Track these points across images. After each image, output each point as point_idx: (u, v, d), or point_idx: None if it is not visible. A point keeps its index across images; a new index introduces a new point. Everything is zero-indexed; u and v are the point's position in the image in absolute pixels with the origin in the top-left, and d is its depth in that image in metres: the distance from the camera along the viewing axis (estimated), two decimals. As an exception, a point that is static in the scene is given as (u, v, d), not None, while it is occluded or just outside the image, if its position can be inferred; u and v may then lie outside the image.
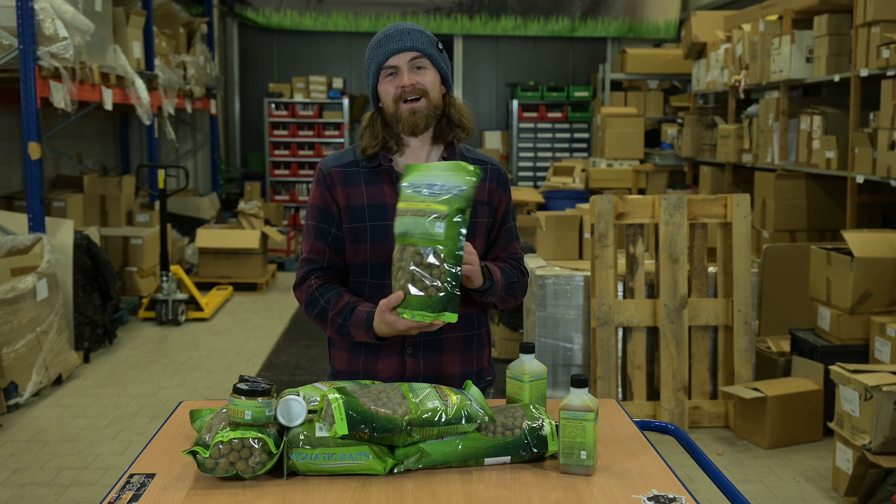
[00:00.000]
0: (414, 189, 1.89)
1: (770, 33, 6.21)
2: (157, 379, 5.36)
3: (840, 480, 3.73)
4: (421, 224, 1.85)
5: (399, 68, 2.05)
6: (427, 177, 1.90)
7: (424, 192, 1.87)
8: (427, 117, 2.07)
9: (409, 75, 2.05)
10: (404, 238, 1.87)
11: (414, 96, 2.05)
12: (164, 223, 6.91)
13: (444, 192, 1.87)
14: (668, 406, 4.42)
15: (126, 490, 1.64)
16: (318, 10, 11.16)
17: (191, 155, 10.59)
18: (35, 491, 3.75)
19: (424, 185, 1.88)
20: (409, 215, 1.87)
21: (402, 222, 1.88)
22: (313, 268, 2.13)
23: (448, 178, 1.89)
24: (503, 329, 5.62)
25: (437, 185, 1.88)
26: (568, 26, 11.36)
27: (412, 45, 2.05)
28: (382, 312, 1.92)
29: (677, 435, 2.14)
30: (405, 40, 2.05)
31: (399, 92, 2.05)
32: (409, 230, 1.86)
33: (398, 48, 2.04)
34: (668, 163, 8.75)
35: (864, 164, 4.95)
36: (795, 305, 5.12)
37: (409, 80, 2.04)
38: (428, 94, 2.06)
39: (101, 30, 6.02)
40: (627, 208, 4.46)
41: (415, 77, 2.05)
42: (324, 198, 2.12)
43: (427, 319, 1.85)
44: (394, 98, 2.06)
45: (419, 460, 1.72)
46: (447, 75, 2.12)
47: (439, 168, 1.92)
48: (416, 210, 1.86)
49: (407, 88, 2.04)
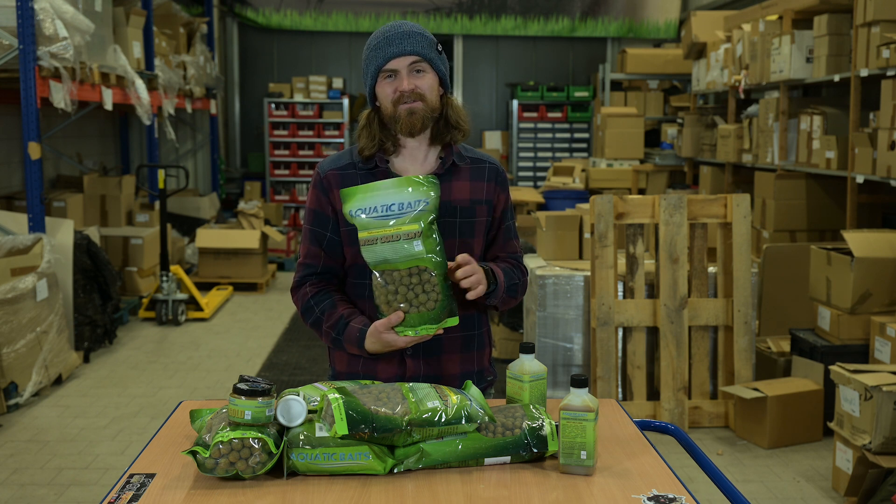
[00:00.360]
0: (369, 215, 1.87)
1: (770, 33, 6.21)
2: (157, 379, 5.36)
3: (840, 480, 3.73)
4: (398, 249, 1.86)
5: (398, 72, 2.05)
6: (375, 198, 1.88)
7: (385, 216, 1.86)
8: (424, 119, 2.06)
9: (408, 80, 2.04)
10: (385, 265, 1.88)
11: (412, 99, 2.05)
12: (164, 223, 6.91)
13: (408, 211, 1.86)
14: (668, 406, 4.42)
15: (126, 490, 1.64)
16: (318, 10, 11.16)
17: (191, 155, 10.59)
18: (35, 491, 3.75)
19: (378, 207, 1.87)
20: (380, 243, 1.86)
21: (375, 251, 1.87)
22: (309, 273, 2.14)
23: (404, 195, 1.88)
24: (503, 329, 5.63)
25: (395, 205, 1.87)
26: (568, 26, 11.36)
27: (412, 50, 2.04)
28: (380, 333, 1.94)
29: (677, 435, 2.14)
30: (405, 44, 2.04)
31: (397, 95, 2.05)
32: (387, 257, 1.87)
33: (398, 52, 2.04)
34: (668, 163, 8.75)
35: (864, 164, 4.95)
36: (795, 305, 5.12)
37: (409, 84, 2.04)
38: (426, 98, 2.06)
39: (101, 30, 6.02)
40: (627, 208, 4.46)
41: (414, 81, 2.05)
42: (319, 201, 2.13)
43: (431, 331, 1.90)
44: (392, 100, 2.06)
45: (419, 460, 1.72)
46: (445, 77, 2.12)
47: (387, 187, 1.89)
48: (387, 236, 1.86)
49: (406, 93, 2.04)
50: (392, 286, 1.88)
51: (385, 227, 1.86)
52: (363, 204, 1.88)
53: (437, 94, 2.10)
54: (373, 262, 1.88)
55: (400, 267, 1.87)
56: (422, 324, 1.89)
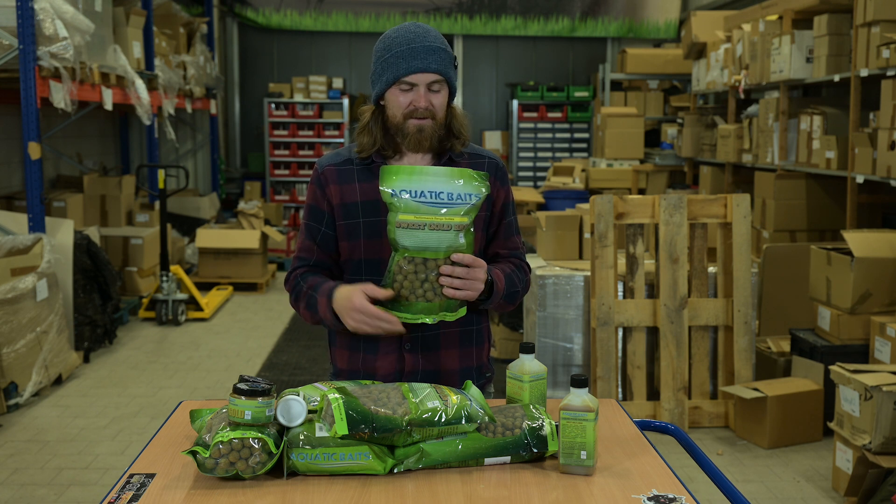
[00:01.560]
0: (416, 199, 1.85)
1: (770, 33, 6.21)
2: (157, 379, 5.36)
3: (840, 480, 3.73)
4: (444, 238, 1.85)
5: (417, 86, 2.03)
6: (423, 182, 1.86)
7: (435, 203, 1.84)
8: (432, 137, 2.06)
9: (425, 97, 2.02)
10: (424, 252, 1.86)
11: (424, 116, 2.03)
12: (164, 223, 6.91)
13: (459, 202, 1.85)
14: (668, 406, 4.42)
15: (126, 490, 1.64)
16: (318, 10, 11.16)
17: (191, 155, 10.59)
18: (35, 491, 3.75)
19: (427, 192, 1.85)
20: (427, 229, 1.84)
21: (419, 236, 1.84)
22: (301, 265, 2.16)
23: (454, 186, 1.86)
24: (503, 329, 5.63)
25: (443, 194, 1.85)
26: (568, 26, 11.36)
27: (437, 69, 2.02)
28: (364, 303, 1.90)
29: (677, 435, 2.14)
30: (430, 61, 2.01)
31: (410, 109, 2.03)
32: (429, 245, 1.85)
33: (422, 68, 2.01)
34: (668, 163, 8.75)
35: (864, 164, 4.95)
36: (795, 305, 5.12)
37: (425, 102, 2.02)
38: (437, 115, 2.05)
39: (101, 30, 6.02)
40: (627, 208, 4.46)
41: (430, 98, 2.03)
42: (316, 196, 2.13)
43: (451, 318, 1.91)
44: (404, 112, 2.04)
45: (419, 460, 1.72)
46: (455, 89, 2.11)
47: (437, 174, 1.87)
48: (437, 224, 1.84)
49: (420, 109, 2.02)
50: (422, 274, 1.87)
51: (437, 214, 1.84)
52: (409, 186, 1.85)
53: (446, 108, 2.09)
54: (412, 246, 1.85)
55: (439, 256, 1.86)
56: (443, 311, 1.89)
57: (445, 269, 1.88)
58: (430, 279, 1.87)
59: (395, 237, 1.87)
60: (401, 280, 1.88)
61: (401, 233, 1.86)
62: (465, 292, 1.90)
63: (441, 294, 1.88)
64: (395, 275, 1.88)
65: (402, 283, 1.88)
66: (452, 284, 1.88)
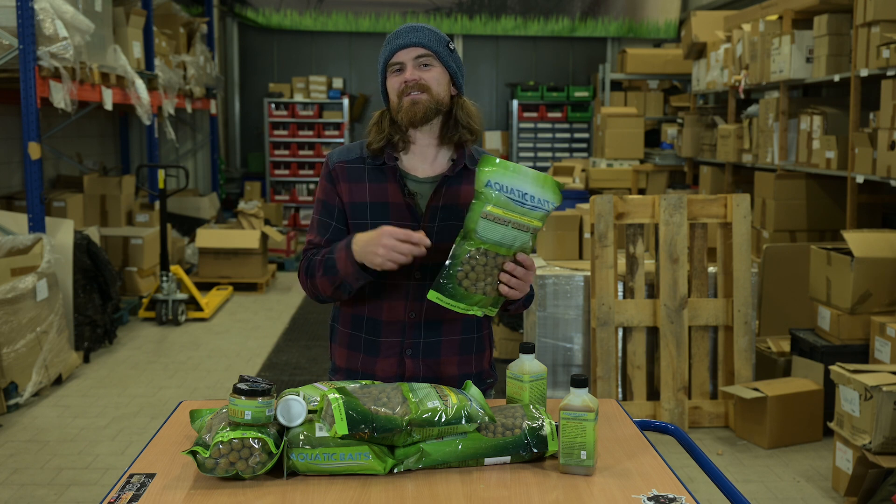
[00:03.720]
0: (506, 194, 1.86)
1: (770, 33, 6.21)
2: (157, 379, 5.36)
3: (840, 480, 3.73)
4: (520, 237, 1.88)
5: (404, 64, 2.05)
6: (515, 181, 1.87)
7: (520, 202, 1.86)
8: (427, 110, 2.05)
9: (412, 71, 2.04)
10: (497, 246, 1.87)
11: (416, 91, 2.04)
12: (164, 223, 6.91)
13: (539, 207, 1.87)
14: (668, 406, 4.42)
15: (126, 490, 1.64)
16: (318, 10, 11.16)
17: (191, 155, 10.59)
18: (35, 491, 3.75)
19: (516, 190, 1.86)
20: (510, 226, 1.86)
21: (499, 230, 1.86)
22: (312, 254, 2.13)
23: (538, 190, 1.87)
24: (503, 329, 5.63)
25: (528, 195, 1.87)
26: (568, 26, 11.36)
27: (417, 41, 2.04)
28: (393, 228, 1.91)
29: (677, 435, 2.14)
30: (411, 36, 2.05)
31: (402, 87, 2.05)
32: (504, 241, 1.87)
33: (404, 44, 2.05)
34: (668, 163, 8.75)
35: (864, 164, 4.95)
36: (795, 305, 5.12)
37: (412, 75, 2.04)
38: (430, 90, 2.05)
39: (101, 30, 6.02)
40: (627, 208, 4.46)
41: (418, 73, 2.04)
42: (326, 192, 2.13)
43: (491, 314, 1.95)
44: (398, 92, 2.06)
45: (419, 460, 1.72)
46: (457, 76, 2.11)
47: (528, 176, 1.88)
48: (519, 223, 1.86)
49: (409, 83, 2.03)
50: (489, 267, 1.88)
51: (522, 213, 1.86)
52: (503, 181, 1.86)
53: (447, 90, 2.09)
54: (491, 239, 1.87)
55: (509, 254, 1.89)
56: (490, 305, 1.92)
57: (510, 266, 1.90)
58: (494, 274, 1.89)
59: (476, 227, 1.87)
60: (467, 270, 1.88)
61: (483, 224, 1.86)
62: (516, 292, 1.93)
63: (496, 290, 1.91)
64: (463, 264, 1.88)
65: (468, 273, 1.88)
66: (510, 283, 1.90)
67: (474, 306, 1.91)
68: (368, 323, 2.11)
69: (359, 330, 2.13)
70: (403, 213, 2.06)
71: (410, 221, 2.06)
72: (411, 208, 2.06)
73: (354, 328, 2.14)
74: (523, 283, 1.92)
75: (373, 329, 2.11)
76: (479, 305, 1.91)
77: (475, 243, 1.87)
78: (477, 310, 1.92)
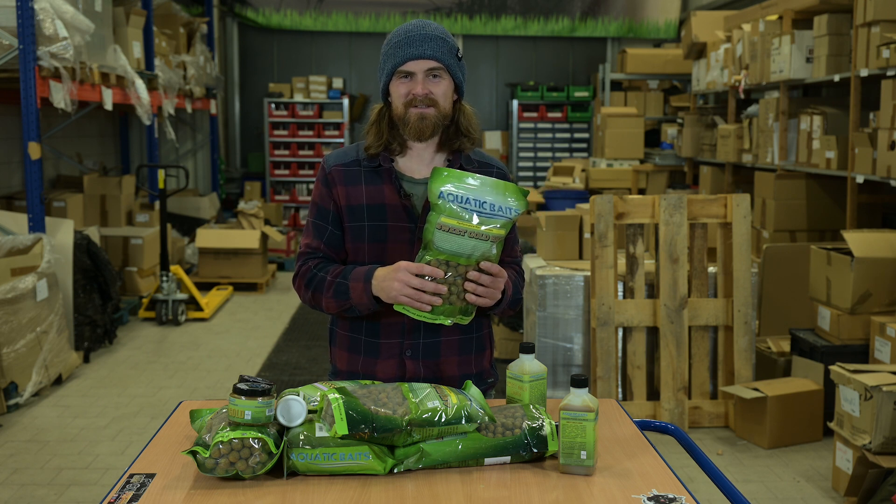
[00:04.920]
0: (460, 204, 1.85)
1: (770, 33, 6.21)
2: (157, 379, 5.36)
3: (840, 480, 3.73)
4: (480, 247, 1.87)
5: (414, 74, 2.03)
6: (471, 190, 1.86)
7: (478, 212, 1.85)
8: (435, 125, 2.05)
9: (423, 84, 2.02)
10: (457, 257, 1.87)
11: (424, 105, 2.03)
12: (164, 223, 6.91)
13: (499, 215, 1.87)
14: (668, 406, 4.42)
15: (126, 490, 1.64)
16: (318, 10, 11.16)
17: (191, 155, 10.59)
18: (35, 491, 3.75)
19: (472, 200, 1.85)
20: (467, 236, 1.85)
21: (457, 241, 1.86)
22: (308, 258, 2.13)
23: (499, 198, 1.87)
24: (503, 329, 5.63)
25: (487, 203, 1.86)
26: (568, 26, 11.36)
27: (432, 55, 2.01)
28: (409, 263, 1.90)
29: (677, 435, 2.14)
30: (426, 48, 2.01)
31: (410, 98, 2.03)
32: (463, 251, 1.87)
33: (417, 55, 2.01)
34: (668, 163, 8.76)
35: (864, 164, 4.95)
36: (795, 305, 5.12)
37: (423, 89, 2.02)
38: (438, 104, 2.04)
39: (101, 30, 6.02)
40: (627, 208, 4.46)
41: (428, 86, 2.03)
42: (322, 196, 2.12)
43: (464, 322, 1.95)
44: (404, 102, 2.04)
45: (419, 460, 1.72)
46: (461, 84, 2.10)
47: (486, 184, 1.87)
48: (476, 233, 1.86)
49: (419, 97, 2.02)
50: (451, 277, 1.89)
51: (480, 222, 1.86)
52: (457, 190, 1.86)
53: (451, 100, 2.08)
54: (448, 249, 1.87)
55: (470, 263, 1.88)
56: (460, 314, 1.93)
57: (473, 275, 1.90)
58: (457, 283, 1.89)
59: (433, 238, 1.88)
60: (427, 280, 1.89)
61: (439, 235, 1.87)
62: (485, 300, 1.93)
63: (463, 299, 1.91)
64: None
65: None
66: (476, 291, 1.90)
67: (440, 315, 1.91)
68: (367, 325, 2.11)
69: (358, 332, 2.13)
70: (400, 215, 2.06)
71: (407, 223, 2.06)
72: (407, 209, 2.06)
73: (353, 330, 2.14)
74: (492, 290, 1.92)
75: (372, 331, 2.11)
76: (445, 315, 1.91)
77: (433, 254, 1.88)
78: (444, 319, 1.92)
